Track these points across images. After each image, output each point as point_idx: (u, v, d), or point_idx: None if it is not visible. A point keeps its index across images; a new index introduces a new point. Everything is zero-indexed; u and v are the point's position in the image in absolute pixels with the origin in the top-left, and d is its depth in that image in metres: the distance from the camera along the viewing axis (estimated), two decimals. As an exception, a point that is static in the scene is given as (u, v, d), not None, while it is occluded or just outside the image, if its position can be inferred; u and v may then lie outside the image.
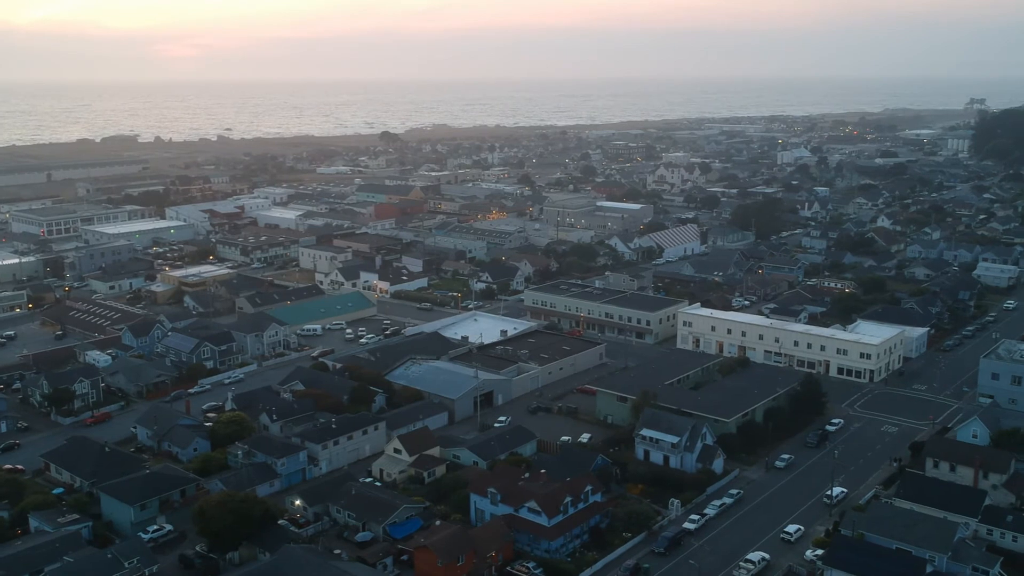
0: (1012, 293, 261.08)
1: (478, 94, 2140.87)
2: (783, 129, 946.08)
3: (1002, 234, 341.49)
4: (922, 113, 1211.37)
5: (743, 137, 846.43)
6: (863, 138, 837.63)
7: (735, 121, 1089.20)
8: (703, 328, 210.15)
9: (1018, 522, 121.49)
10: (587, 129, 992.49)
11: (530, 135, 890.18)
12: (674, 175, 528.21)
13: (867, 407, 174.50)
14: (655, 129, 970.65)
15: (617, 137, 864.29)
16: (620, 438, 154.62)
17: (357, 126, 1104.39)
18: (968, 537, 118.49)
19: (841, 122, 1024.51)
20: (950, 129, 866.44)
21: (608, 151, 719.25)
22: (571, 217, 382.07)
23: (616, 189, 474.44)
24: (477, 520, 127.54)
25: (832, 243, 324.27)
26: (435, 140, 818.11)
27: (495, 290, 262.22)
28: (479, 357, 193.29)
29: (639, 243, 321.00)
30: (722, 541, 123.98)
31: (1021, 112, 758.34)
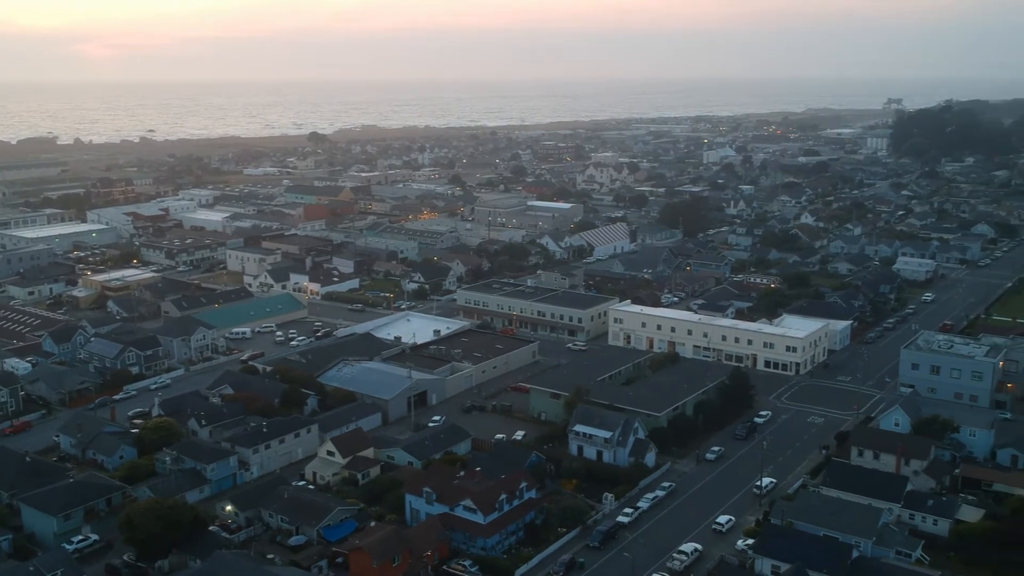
0: (930, 286, 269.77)
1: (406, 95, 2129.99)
2: (709, 129, 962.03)
3: (920, 229, 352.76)
4: (843, 113, 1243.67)
5: (670, 137, 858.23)
6: (786, 137, 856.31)
7: (662, 121, 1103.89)
8: (634, 324, 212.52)
9: (938, 506, 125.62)
10: (517, 129, 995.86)
11: (460, 136, 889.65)
12: (603, 175, 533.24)
13: (794, 399, 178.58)
14: (584, 129, 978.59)
15: (547, 137, 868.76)
16: (554, 434, 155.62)
17: (285, 127, 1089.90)
18: (891, 522, 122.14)
19: (765, 122, 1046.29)
20: (869, 128, 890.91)
21: (538, 151, 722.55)
22: (502, 217, 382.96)
23: (547, 189, 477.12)
24: (412, 520, 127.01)
25: (757, 240, 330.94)
26: (364, 141, 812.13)
27: (427, 290, 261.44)
28: (412, 357, 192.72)
29: (570, 242, 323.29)
30: (655, 533, 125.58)
31: (935, 112, 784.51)
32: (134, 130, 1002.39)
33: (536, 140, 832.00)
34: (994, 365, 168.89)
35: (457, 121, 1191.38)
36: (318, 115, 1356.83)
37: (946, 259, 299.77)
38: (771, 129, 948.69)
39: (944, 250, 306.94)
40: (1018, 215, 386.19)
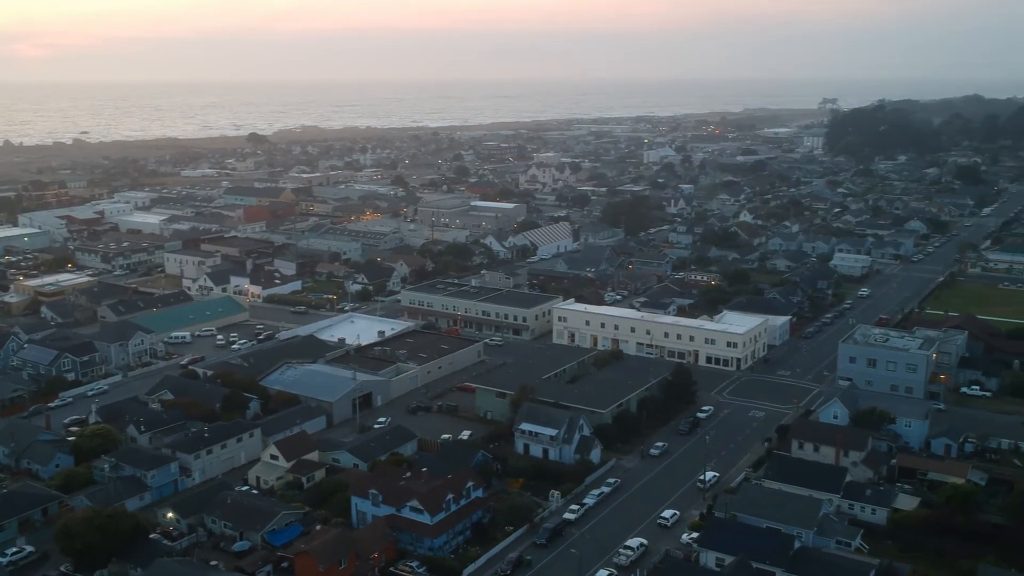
0: (866, 281, 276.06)
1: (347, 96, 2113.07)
2: (649, 129, 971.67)
3: (855, 226, 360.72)
4: (779, 113, 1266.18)
5: (611, 137, 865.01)
6: (724, 137, 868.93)
7: (603, 122, 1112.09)
8: (578, 323, 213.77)
9: (876, 496, 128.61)
10: (460, 130, 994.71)
11: (402, 136, 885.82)
12: (546, 175, 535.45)
13: (735, 394, 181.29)
14: (526, 130, 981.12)
15: (489, 138, 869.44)
16: (500, 433, 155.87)
17: (223, 128, 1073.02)
18: (832, 512, 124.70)
19: (704, 122, 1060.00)
20: (805, 128, 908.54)
21: (481, 152, 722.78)
22: (446, 217, 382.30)
23: (489, 189, 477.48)
24: (359, 522, 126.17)
25: (698, 238, 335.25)
26: (305, 142, 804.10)
27: (371, 291, 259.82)
28: (357, 359, 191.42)
29: (513, 241, 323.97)
30: (601, 529, 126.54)
31: (869, 112, 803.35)
32: (67, 132, 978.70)
33: (479, 141, 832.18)
34: (928, 357, 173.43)
35: (399, 122, 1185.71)
36: (257, 116, 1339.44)
37: (881, 255, 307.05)
38: (710, 129, 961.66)
39: (879, 246, 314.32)
40: (948, 211, 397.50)
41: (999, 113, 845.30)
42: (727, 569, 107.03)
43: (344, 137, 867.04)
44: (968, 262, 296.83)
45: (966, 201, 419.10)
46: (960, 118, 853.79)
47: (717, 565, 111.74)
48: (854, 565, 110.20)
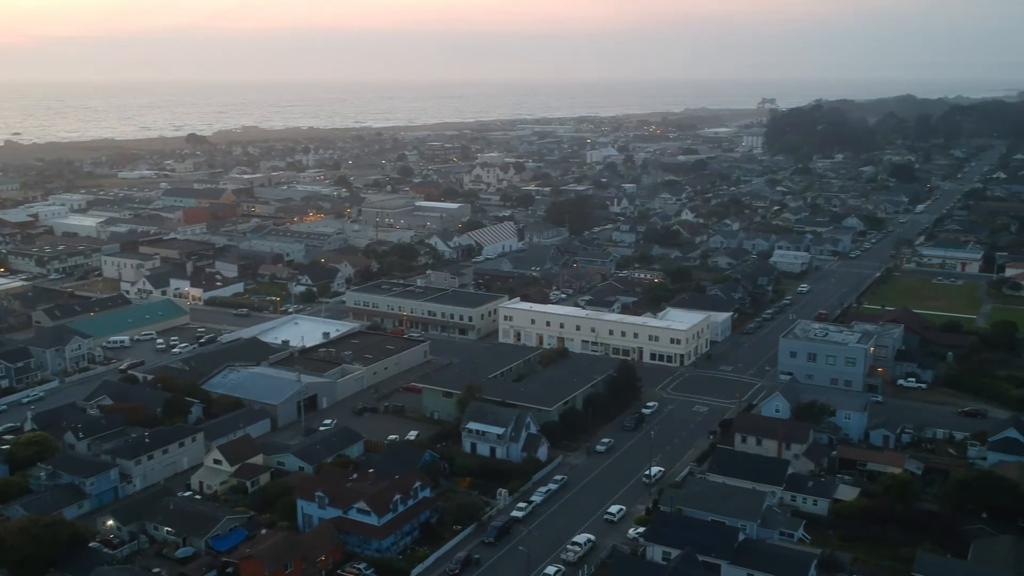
0: (805, 277, 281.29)
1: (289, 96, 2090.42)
2: (591, 129, 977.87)
3: (794, 223, 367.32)
4: (719, 113, 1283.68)
5: (554, 137, 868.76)
6: (666, 137, 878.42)
7: (546, 122, 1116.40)
8: (523, 322, 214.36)
9: (817, 487, 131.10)
10: (403, 130, 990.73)
11: (345, 137, 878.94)
12: (490, 174, 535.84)
13: (679, 389, 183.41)
14: (470, 130, 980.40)
15: (433, 138, 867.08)
16: (447, 433, 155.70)
17: (161, 128, 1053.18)
18: (775, 504, 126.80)
19: (645, 122, 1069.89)
20: (745, 127, 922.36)
21: (425, 152, 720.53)
22: (390, 217, 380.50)
23: (434, 189, 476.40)
24: (305, 525, 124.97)
25: (641, 236, 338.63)
26: (246, 142, 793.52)
27: (315, 292, 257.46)
28: (301, 361, 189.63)
29: (459, 241, 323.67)
30: (549, 526, 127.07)
31: (807, 111, 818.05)
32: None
33: (422, 141, 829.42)
34: (866, 351, 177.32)
35: (342, 122, 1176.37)
36: (196, 116, 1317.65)
37: (819, 251, 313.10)
38: (651, 129, 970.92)
39: (817, 243, 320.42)
40: (884, 209, 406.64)
41: (931, 113, 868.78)
42: (673, 562, 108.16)
43: (286, 138, 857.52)
44: (903, 258, 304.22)
45: (901, 198, 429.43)
46: (894, 118, 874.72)
47: (663, 559, 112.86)
48: (797, 555, 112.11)
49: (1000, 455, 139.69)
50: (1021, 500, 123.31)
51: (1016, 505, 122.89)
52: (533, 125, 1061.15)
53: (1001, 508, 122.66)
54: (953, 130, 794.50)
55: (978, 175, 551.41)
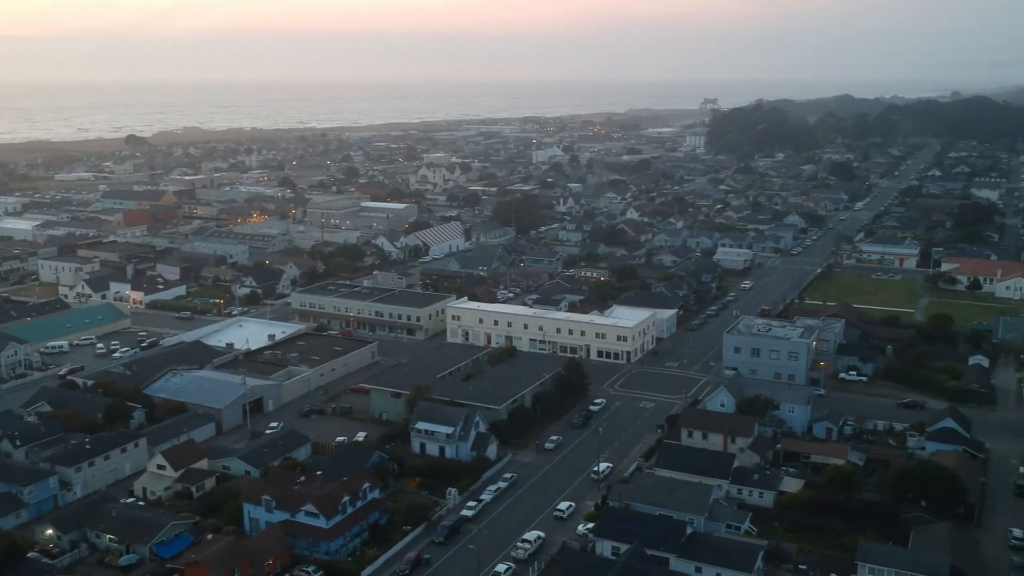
0: (748, 274, 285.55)
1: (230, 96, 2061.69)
2: (537, 130, 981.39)
3: (737, 221, 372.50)
4: (662, 113, 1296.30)
5: (500, 138, 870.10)
6: (610, 137, 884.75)
7: (492, 122, 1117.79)
8: (471, 321, 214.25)
9: (763, 480, 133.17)
10: (348, 131, 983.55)
11: (289, 137, 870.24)
12: (436, 175, 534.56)
13: (626, 386, 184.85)
14: (416, 131, 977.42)
15: (379, 139, 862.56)
16: (396, 434, 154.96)
17: (100, 130, 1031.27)
18: (721, 497, 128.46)
19: (590, 122, 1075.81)
20: (688, 127, 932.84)
21: (370, 152, 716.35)
22: (336, 218, 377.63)
23: (380, 189, 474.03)
24: (252, 530, 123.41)
25: (587, 235, 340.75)
26: (187, 143, 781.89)
27: (260, 294, 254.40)
28: (246, 363, 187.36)
29: (405, 242, 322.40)
30: (499, 524, 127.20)
31: (748, 111, 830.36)
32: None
33: (368, 141, 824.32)
34: (808, 346, 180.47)
35: (285, 123, 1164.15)
36: (136, 117, 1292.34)
37: (762, 249, 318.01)
38: (596, 129, 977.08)
39: (760, 240, 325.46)
40: (824, 206, 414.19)
41: (868, 112, 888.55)
42: (622, 557, 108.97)
43: (228, 139, 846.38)
44: (843, 254, 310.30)
45: (840, 196, 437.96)
46: (833, 117, 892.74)
47: (613, 553, 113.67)
48: (744, 547, 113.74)
49: (938, 445, 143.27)
50: (958, 488, 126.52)
51: (953, 493, 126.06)
52: (479, 125, 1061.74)
53: (939, 496, 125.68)
54: (890, 129, 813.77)
55: (914, 173, 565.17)
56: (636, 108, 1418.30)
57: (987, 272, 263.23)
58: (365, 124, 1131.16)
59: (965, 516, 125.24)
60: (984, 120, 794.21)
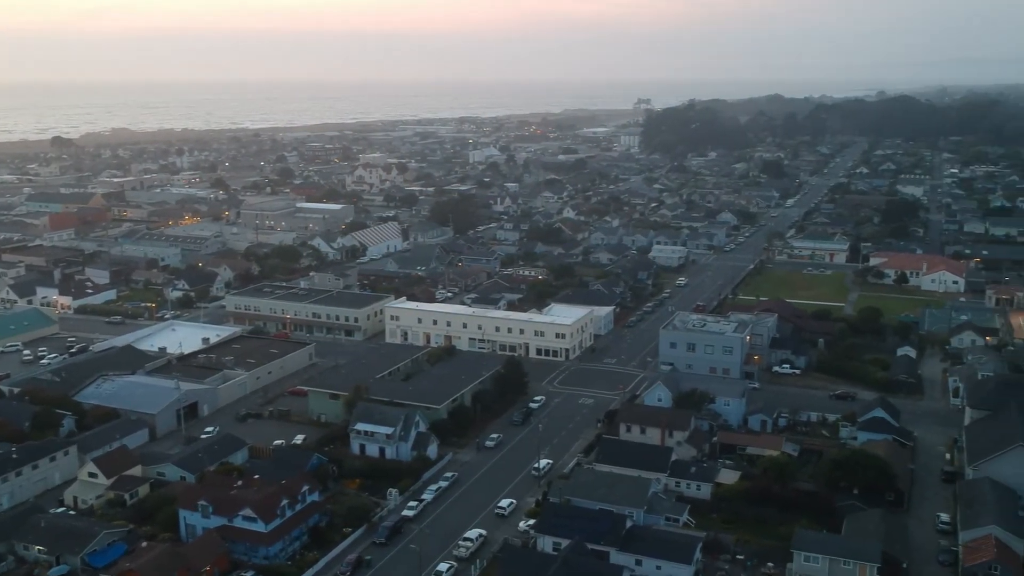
0: (683, 271, 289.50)
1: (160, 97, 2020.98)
2: (473, 130, 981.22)
3: (671, 219, 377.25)
4: (597, 113, 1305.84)
5: (436, 138, 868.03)
6: (546, 137, 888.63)
7: (428, 122, 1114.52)
8: (410, 321, 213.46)
9: (700, 472, 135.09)
10: (282, 131, 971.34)
11: (221, 138, 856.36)
12: (372, 175, 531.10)
13: (565, 383, 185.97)
14: (351, 131, 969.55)
15: (314, 139, 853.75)
16: (335, 435, 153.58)
17: (24, 131, 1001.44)
18: (660, 491, 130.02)
19: (526, 122, 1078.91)
20: (622, 127, 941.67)
21: (305, 153, 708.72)
22: (271, 220, 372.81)
23: (315, 190, 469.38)
24: (188, 536, 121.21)
25: (524, 235, 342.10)
26: (116, 145, 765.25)
27: (193, 297, 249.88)
28: (180, 367, 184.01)
29: (342, 242, 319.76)
30: (441, 523, 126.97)
31: (681, 111, 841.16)
32: None
33: (302, 142, 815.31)
34: (742, 340, 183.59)
35: (218, 123, 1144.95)
36: (62, 118, 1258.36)
37: (696, 246, 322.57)
38: (532, 129, 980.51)
39: (693, 238, 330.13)
40: (756, 203, 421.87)
41: (798, 111, 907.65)
42: (563, 552, 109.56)
43: (159, 140, 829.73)
44: (775, 250, 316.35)
45: (771, 193, 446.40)
46: (764, 116, 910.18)
47: (554, 549, 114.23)
48: (683, 539, 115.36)
49: (869, 434, 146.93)
50: (888, 476, 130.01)
51: (884, 480, 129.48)
52: (415, 126, 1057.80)
53: (870, 484, 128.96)
54: (819, 128, 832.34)
55: (843, 170, 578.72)
56: (571, 108, 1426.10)
57: (913, 266, 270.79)
58: (299, 124, 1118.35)
59: (895, 503, 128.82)
60: (908, 119, 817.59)
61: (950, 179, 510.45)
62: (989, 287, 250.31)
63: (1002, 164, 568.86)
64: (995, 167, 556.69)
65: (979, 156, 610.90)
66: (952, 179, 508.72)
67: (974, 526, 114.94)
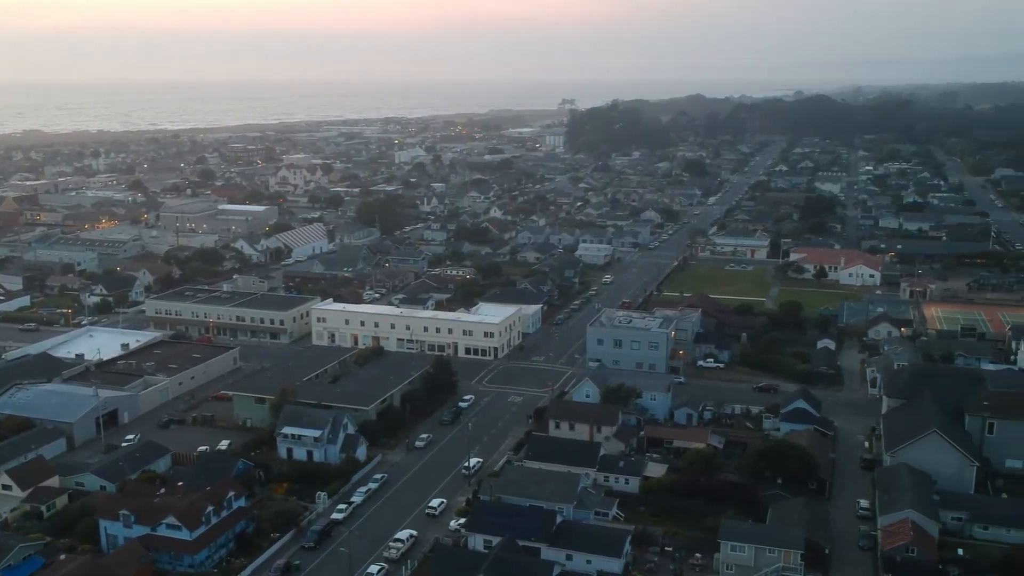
0: (608, 269, 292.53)
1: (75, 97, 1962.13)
2: (399, 130, 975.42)
3: (597, 218, 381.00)
4: (522, 113, 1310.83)
5: (361, 138, 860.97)
6: (472, 137, 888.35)
7: (352, 123, 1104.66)
8: (337, 322, 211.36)
9: (628, 467, 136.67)
10: (202, 132, 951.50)
11: (139, 140, 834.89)
12: (296, 176, 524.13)
13: (494, 381, 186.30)
14: (274, 132, 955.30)
15: (235, 140, 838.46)
16: (262, 440, 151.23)
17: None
18: (589, 486, 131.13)
19: (452, 123, 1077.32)
20: (547, 127, 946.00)
21: (226, 154, 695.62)
22: (192, 222, 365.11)
23: (237, 192, 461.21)
24: (110, 547, 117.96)
25: (451, 234, 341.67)
26: (28, 147, 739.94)
27: (112, 303, 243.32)
28: (98, 374, 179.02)
29: (266, 244, 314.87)
30: (371, 525, 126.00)
31: (604, 111, 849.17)
32: None
33: (223, 143, 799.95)
34: (667, 336, 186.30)
35: (136, 124, 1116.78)
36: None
37: (621, 244, 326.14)
38: (458, 129, 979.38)
39: (619, 236, 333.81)
40: (679, 202, 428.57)
41: (719, 111, 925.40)
42: (494, 550, 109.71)
43: (73, 141, 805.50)
44: (698, 247, 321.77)
45: (694, 191, 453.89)
46: (685, 116, 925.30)
47: (485, 547, 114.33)
48: (612, 533, 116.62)
49: (791, 425, 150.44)
50: (810, 465, 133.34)
51: (806, 469, 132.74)
52: (339, 126, 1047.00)
53: (794, 473, 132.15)
54: (739, 127, 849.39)
55: (762, 168, 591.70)
56: (497, 109, 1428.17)
57: (831, 261, 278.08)
58: (221, 125, 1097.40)
59: (817, 491, 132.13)
60: (825, 118, 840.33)
61: (865, 176, 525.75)
62: (903, 280, 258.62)
63: (914, 161, 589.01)
64: (907, 164, 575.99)
65: (892, 154, 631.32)
66: (867, 176, 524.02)
67: (891, 511, 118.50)
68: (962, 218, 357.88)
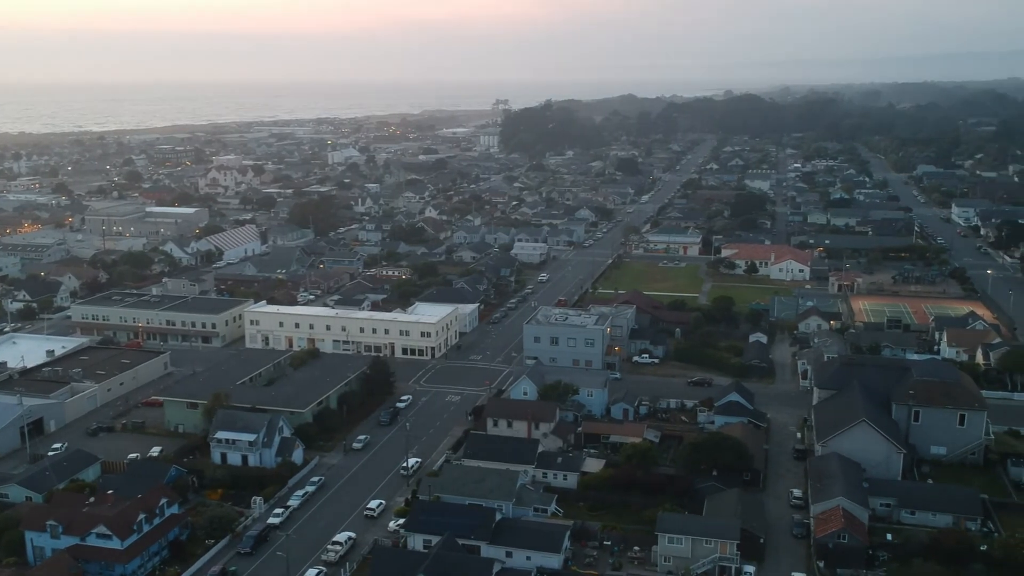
0: (544, 267, 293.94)
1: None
2: (332, 131, 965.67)
3: (532, 217, 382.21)
4: (456, 114, 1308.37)
5: (293, 139, 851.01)
6: (406, 137, 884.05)
7: (284, 124, 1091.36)
8: (271, 325, 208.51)
9: (566, 463, 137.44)
10: (129, 134, 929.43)
11: (63, 142, 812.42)
12: (227, 178, 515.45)
13: (432, 381, 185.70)
14: (203, 133, 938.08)
15: (163, 141, 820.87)
16: (195, 445, 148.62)
17: None
18: (528, 483, 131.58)
19: (385, 123, 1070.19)
20: (481, 127, 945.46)
21: (154, 156, 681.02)
22: (119, 225, 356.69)
23: (166, 194, 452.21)
24: (37, 559, 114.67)
25: (386, 235, 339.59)
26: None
27: (36, 308, 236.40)
28: (22, 382, 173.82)
29: (197, 247, 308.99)
30: (309, 529, 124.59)
31: (538, 111, 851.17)
32: None
33: (151, 144, 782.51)
34: (603, 332, 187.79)
35: (59, 126, 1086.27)
36: None
37: (556, 242, 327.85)
38: (391, 130, 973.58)
39: (554, 234, 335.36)
40: (613, 200, 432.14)
41: (650, 110, 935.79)
42: (434, 549, 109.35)
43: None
44: (632, 244, 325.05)
45: (627, 190, 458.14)
46: (618, 115, 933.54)
47: (424, 546, 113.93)
48: (551, 529, 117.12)
49: (725, 418, 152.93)
50: (745, 456, 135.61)
51: (741, 461, 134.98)
52: (271, 127, 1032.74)
53: (728, 465, 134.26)
54: (670, 126, 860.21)
55: (694, 166, 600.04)
56: (430, 109, 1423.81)
57: (762, 256, 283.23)
58: (148, 127, 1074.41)
59: (752, 482, 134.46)
60: (754, 116, 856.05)
61: (794, 173, 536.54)
62: (832, 274, 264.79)
63: (840, 158, 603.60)
64: (834, 161, 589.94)
65: (819, 151, 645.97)
66: (795, 173, 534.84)
67: (823, 499, 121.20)
68: (887, 213, 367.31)
